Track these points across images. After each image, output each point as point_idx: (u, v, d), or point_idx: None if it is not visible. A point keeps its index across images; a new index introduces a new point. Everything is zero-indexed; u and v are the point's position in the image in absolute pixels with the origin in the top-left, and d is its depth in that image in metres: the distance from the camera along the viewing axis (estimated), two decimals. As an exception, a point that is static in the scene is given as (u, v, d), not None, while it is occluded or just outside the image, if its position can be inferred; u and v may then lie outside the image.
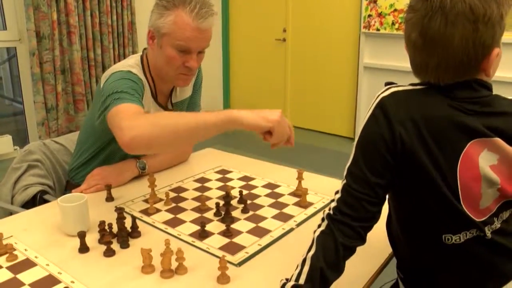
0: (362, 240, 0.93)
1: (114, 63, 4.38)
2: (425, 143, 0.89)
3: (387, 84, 0.97)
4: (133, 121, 1.22)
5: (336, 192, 0.95)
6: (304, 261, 0.90)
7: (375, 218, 0.94)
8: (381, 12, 4.24)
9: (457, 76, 0.91)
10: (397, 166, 0.91)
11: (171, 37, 1.42)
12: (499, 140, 0.90)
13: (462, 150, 0.89)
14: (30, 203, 1.54)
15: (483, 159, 0.91)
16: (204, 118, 1.19)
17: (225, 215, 1.30)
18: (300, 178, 1.47)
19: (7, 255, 1.09)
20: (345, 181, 0.93)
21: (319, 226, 0.94)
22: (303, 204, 1.40)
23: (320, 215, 0.96)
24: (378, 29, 4.30)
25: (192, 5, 1.39)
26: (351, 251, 0.93)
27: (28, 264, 1.07)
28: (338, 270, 0.91)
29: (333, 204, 0.93)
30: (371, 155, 0.91)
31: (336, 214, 0.92)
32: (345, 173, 0.94)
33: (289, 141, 1.30)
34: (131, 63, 1.51)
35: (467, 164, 0.90)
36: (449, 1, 0.86)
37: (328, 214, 0.93)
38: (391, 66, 4.21)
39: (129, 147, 1.20)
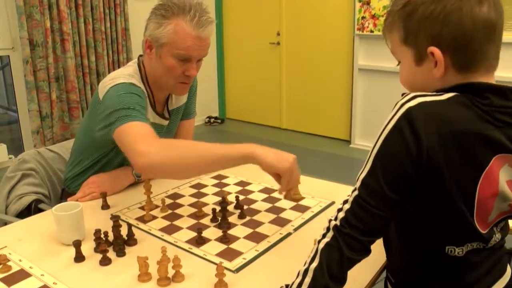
0: (368, 252, 0.90)
1: (109, 69, 4.40)
2: (450, 158, 0.83)
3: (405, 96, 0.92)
4: (150, 146, 1.23)
5: (345, 202, 0.89)
6: (306, 271, 0.87)
7: (383, 231, 0.91)
8: (375, 13, 4.26)
9: (490, 71, 0.88)
10: (416, 179, 0.84)
11: (172, 47, 1.41)
12: None
13: (487, 166, 0.85)
14: (25, 213, 1.53)
15: (503, 174, 0.87)
16: (222, 152, 1.20)
17: (221, 220, 1.29)
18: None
19: (0, 266, 1.07)
20: (357, 192, 0.87)
21: (324, 236, 0.89)
22: (296, 197, 1.39)
23: (320, 221, 0.94)
24: (372, 31, 4.31)
25: (192, 13, 1.38)
26: (356, 263, 0.90)
27: (22, 275, 1.06)
28: (342, 282, 0.88)
29: (341, 215, 0.88)
30: (392, 169, 0.84)
31: (345, 227, 0.86)
32: (358, 184, 0.87)
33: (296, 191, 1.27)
34: (130, 72, 1.49)
35: (489, 180, 0.86)
36: None
37: (335, 226, 0.88)
38: (385, 67, 4.22)
39: (144, 172, 1.25)
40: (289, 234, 1.25)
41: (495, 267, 0.97)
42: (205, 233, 1.24)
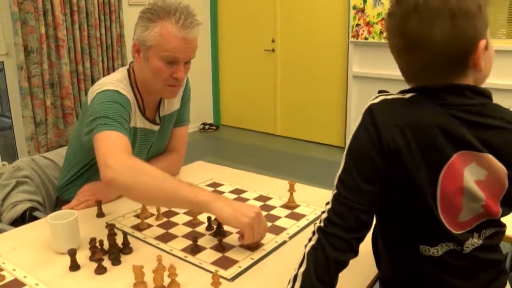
0: (355, 253, 0.91)
1: (103, 76, 4.35)
2: (410, 149, 0.87)
3: (380, 92, 0.96)
4: (119, 163, 1.26)
5: (327, 203, 0.92)
6: (295, 277, 0.89)
7: (367, 228, 0.92)
8: (369, 21, 4.29)
9: (444, 77, 0.90)
10: (383, 168, 0.89)
11: (158, 49, 1.42)
12: (490, 157, 0.88)
13: (448, 160, 0.87)
14: (19, 221, 1.52)
15: (469, 172, 0.88)
16: (183, 193, 1.20)
17: (217, 229, 1.29)
18: (291, 190, 1.47)
19: (-6, 276, 1.07)
20: (335, 190, 0.91)
21: (310, 240, 0.92)
22: (290, 204, 1.44)
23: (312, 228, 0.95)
24: (366, 38, 4.34)
25: (177, 16, 1.40)
26: (343, 265, 0.91)
27: (16, 284, 1.05)
28: (331, 285, 0.89)
29: (324, 216, 0.91)
30: (362, 161, 0.90)
31: (327, 226, 0.89)
32: (335, 182, 0.92)
33: (260, 239, 1.23)
34: (119, 78, 1.51)
35: (451, 175, 0.88)
36: (423, 0, 0.86)
37: (319, 228, 0.91)
38: (380, 74, 4.24)
39: (107, 185, 1.27)
40: (284, 242, 1.25)
41: (491, 283, 0.97)
42: (200, 242, 1.24)
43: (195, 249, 1.20)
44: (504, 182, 0.89)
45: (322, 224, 0.90)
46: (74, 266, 1.12)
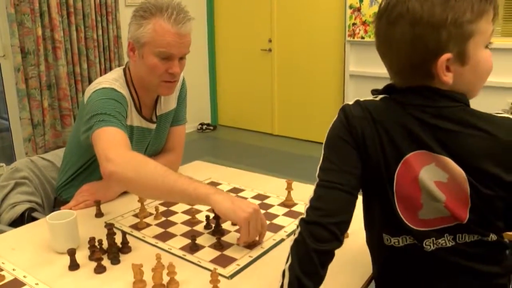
0: (337, 241, 0.90)
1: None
2: (374, 141, 0.92)
3: (373, 91, 1.00)
4: (120, 156, 1.28)
5: (310, 197, 0.94)
6: (283, 272, 0.90)
7: (348, 212, 0.92)
8: (365, 20, 4.30)
9: (410, 80, 0.92)
10: (353, 148, 0.94)
11: (152, 45, 1.44)
12: (448, 160, 0.88)
13: (403, 157, 0.91)
14: (18, 221, 1.52)
15: (427, 172, 0.90)
16: (183, 186, 1.21)
17: (215, 227, 1.30)
18: (289, 188, 1.48)
19: (-6, 276, 1.08)
20: (317, 180, 0.94)
21: (294, 234, 0.93)
22: (288, 203, 1.46)
23: None
24: (363, 37, 4.35)
25: (169, 12, 1.42)
26: (327, 255, 0.90)
27: (16, 284, 1.06)
28: (318, 277, 0.89)
29: (306, 206, 0.93)
30: (338, 146, 0.95)
31: (308, 214, 0.91)
32: (317, 173, 0.95)
33: (260, 237, 1.24)
34: (115, 77, 1.53)
35: (405, 171, 0.91)
36: (392, 3, 0.89)
37: (301, 219, 0.92)
38: (376, 73, 4.25)
39: (108, 179, 1.29)
40: (282, 240, 1.26)
41: None
42: (199, 240, 1.24)
43: (193, 248, 1.21)
44: (465, 187, 0.88)
45: (304, 216, 0.92)
46: (74, 266, 1.12)
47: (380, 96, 0.97)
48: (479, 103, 1.03)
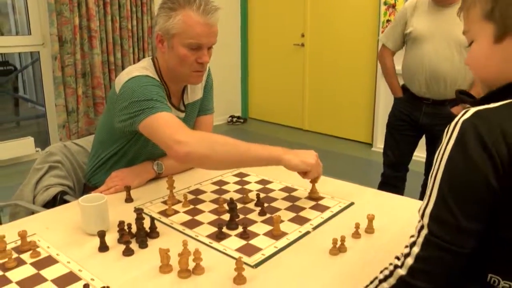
0: None
1: (134, 67, 4.47)
2: None
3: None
4: (190, 137, 1.34)
5: (412, 244, 0.78)
6: None
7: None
8: (400, 17, 4.22)
9: None
10: (502, 191, 0.73)
11: (182, 37, 1.46)
12: None
13: None
14: (51, 203, 1.57)
15: None
16: (256, 152, 1.36)
17: (229, 221, 1.29)
18: (314, 181, 1.47)
19: (31, 251, 1.12)
20: (426, 230, 0.76)
21: (385, 279, 0.81)
22: (315, 196, 1.47)
23: (339, 221, 0.91)
24: (397, 34, 4.27)
25: (197, 3, 1.44)
26: None
27: (50, 261, 1.10)
28: None
29: (410, 262, 0.77)
30: (466, 192, 0.74)
31: (414, 277, 0.76)
32: (426, 220, 0.76)
33: (317, 178, 1.45)
34: (145, 65, 1.55)
35: None
36: None
37: (402, 279, 0.78)
38: (409, 71, 4.17)
39: (182, 160, 1.36)
40: (307, 233, 1.26)
41: None
42: (225, 229, 1.26)
43: (220, 236, 1.22)
44: None
45: (405, 273, 0.77)
46: (103, 247, 1.16)
47: (499, 103, 0.77)
48: None
